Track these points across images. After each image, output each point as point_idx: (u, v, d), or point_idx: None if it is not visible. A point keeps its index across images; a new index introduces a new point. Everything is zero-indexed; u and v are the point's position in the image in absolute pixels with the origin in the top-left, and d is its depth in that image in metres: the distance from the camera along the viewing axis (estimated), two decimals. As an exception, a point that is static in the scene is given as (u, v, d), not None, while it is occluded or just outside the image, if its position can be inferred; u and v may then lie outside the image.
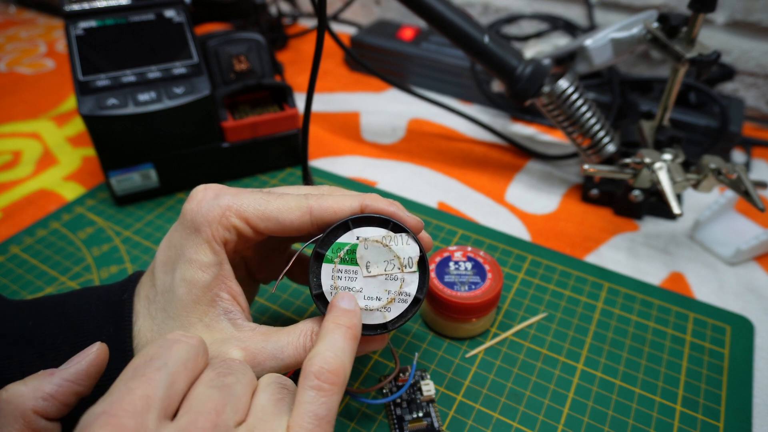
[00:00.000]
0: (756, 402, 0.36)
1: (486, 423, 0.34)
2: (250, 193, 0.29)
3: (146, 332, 0.28)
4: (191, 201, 0.28)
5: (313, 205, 0.28)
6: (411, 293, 0.27)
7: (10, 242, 0.47)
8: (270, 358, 0.27)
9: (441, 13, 0.46)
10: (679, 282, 0.45)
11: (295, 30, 0.86)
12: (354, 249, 0.27)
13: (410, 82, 0.72)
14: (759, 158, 0.59)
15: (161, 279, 0.29)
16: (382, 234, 0.27)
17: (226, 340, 0.27)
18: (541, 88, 0.48)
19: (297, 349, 0.27)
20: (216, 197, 0.28)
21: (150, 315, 0.28)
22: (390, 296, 0.27)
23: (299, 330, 0.28)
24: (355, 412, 0.34)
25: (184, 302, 0.27)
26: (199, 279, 0.27)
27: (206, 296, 0.28)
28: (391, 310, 0.27)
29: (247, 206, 0.28)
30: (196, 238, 0.28)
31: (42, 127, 0.63)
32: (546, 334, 0.40)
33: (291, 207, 0.28)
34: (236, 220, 0.28)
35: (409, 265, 0.27)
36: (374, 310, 0.27)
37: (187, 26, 0.49)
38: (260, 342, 0.27)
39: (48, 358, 0.27)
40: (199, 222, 0.27)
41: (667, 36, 0.45)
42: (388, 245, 0.27)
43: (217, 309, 0.28)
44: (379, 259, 0.27)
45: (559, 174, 0.57)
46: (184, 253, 0.28)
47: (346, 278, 0.27)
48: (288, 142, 0.54)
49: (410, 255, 0.27)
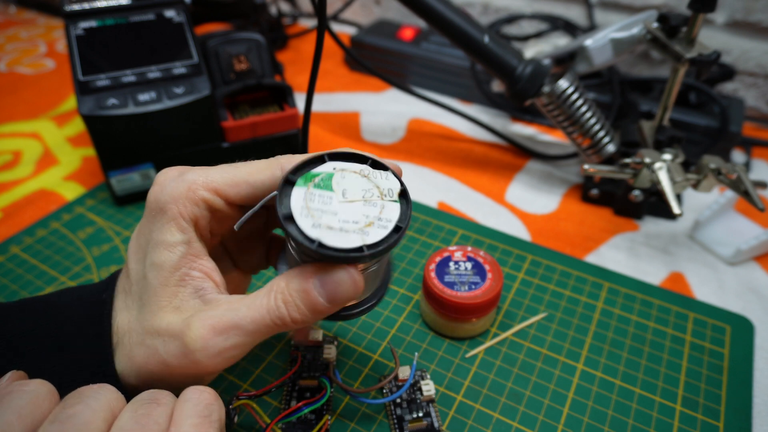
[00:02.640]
0: (756, 402, 0.36)
1: (486, 423, 0.34)
2: (218, 167, 0.28)
3: (123, 326, 0.27)
4: (155, 185, 0.27)
5: (283, 163, 0.27)
6: (392, 219, 0.24)
7: (10, 242, 0.47)
8: (229, 324, 0.24)
9: (441, 13, 0.46)
10: (679, 282, 0.45)
11: (295, 30, 0.86)
12: (330, 177, 0.25)
13: (410, 82, 0.72)
14: (759, 158, 0.59)
15: (134, 269, 0.28)
16: (360, 167, 0.26)
17: (191, 316, 0.25)
18: (541, 88, 0.48)
19: (259, 311, 0.25)
20: (180, 174, 0.27)
21: (126, 307, 0.28)
22: (369, 220, 0.24)
23: (264, 289, 0.25)
24: (355, 412, 0.34)
25: (153, 286, 0.26)
26: (166, 260, 0.26)
27: (174, 276, 0.26)
28: (369, 234, 0.24)
29: (215, 176, 0.27)
30: (161, 219, 0.26)
31: (42, 127, 0.63)
32: (546, 334, 0.40)
33: (261, 167, 0.27)
34: (204, 192, 0.26)
35: (390, 195, 0.25)
36: (350, 232, 0.24)
37: (187, 26, 0.49)
38: (222, 309, 0.25)
39: (30, 361, 0.27)
40: (164, 201, 0.26)
41: (667, 36, 0.45)
42: (367, 176, 0.25)
43: (187, 288, 0.26)
44: (356, 188, 0.25)
45: (559, 174, 0.57)
46: (151, 238, 0.27)
47: (320, 202, 0.24)
48: (288, 142, 0.54)
49: (390, 187, 0.25)
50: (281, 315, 0.24)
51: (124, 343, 0.27)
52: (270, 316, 0.24)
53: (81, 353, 0.27)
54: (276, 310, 0.24)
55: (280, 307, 0.25)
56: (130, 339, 0.27)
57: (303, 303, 0.25)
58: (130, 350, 0.27)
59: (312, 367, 0.35)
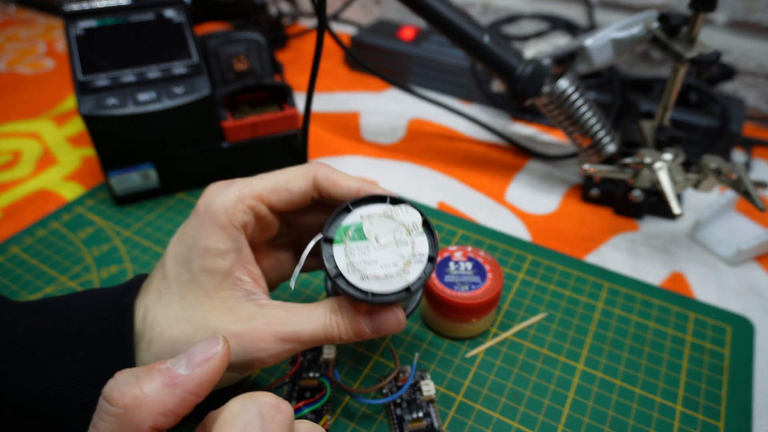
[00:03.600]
0: (756, 402, 0.36)
1: (486, 423, 0.34)
2: (258, 176, 0.30)
3: (162, 321, 0.28)
4: (205, 195, 0.29)
5: (317, 172, 0.29)
6: (424, 253, 0.28)
7: (10, 242, 0.47)
8: (292, 335, 0.27)
9: (441, 13, 0.46)
10: (680, 282, 0.45)
11: (295, 30, 0.86)
12: (360, 227, 0.28)
13: (410, 82, 0.72)
14: (759, 158, 0.59)
15: (173, 270, 0.29)
16: (383, 209, 0.29)
17: (252, 318, 0.28)
18: (541, 88, 0.48)
19: (316, 326, 0.28)
20: (228, 186, 0.29)
21: (163, 305, 0.29)
22: (406, 259, 0.28)
23: (321, 307, 0.28)
24: (355, 412, 0.34)
25: (205, 289, 0.28)
26: (219, 267, 0.28)
27: (227, 281, 0.28)
28: (410, 272, 0.28)
29: (258, 185, 0.29)
30: (212, 226, 0.28)
31: (42, 126, 0.63)
32: (546, 334, 0.40)
33: (298, 174, 0.30)
34: (251, 200, 0.29)
35: (415, 229, 0.28)
36: (394, 276, 0.27)
37: (187, 26, 0.49)
38: (283, 317, 0.28)
39: (49, 364, 0.27)
40: (215, 210, 0.28)
41: (668, 36, 0.45)
42: (391, 216, 0.29)
43: (239, 292, 0.28)
44: (385, 230, 0.28)
45: (559, 174, 0.57)
46: (198, 244, 0.28)
47: (359, 253, 0.28)
48: (288, 142, 0.54)
49: (413, 220, 0.29)
50: (332, 334, 0.28)
51: (162, 339, 0.28)
52: (324, 333, 0.28)
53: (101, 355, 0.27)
54: (330, 329, 0.28)
55: (333, 327, 0.28)
56: (170, 335, 0.28)
57: (352, 330, 0.28)
58: (171, 345, 0.28)
59: (312, 367, 0.35)
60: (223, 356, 0.23)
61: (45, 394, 0.26)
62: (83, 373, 0.27)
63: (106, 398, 0.21)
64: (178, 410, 0.22)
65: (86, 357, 0.27)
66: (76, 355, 0.27)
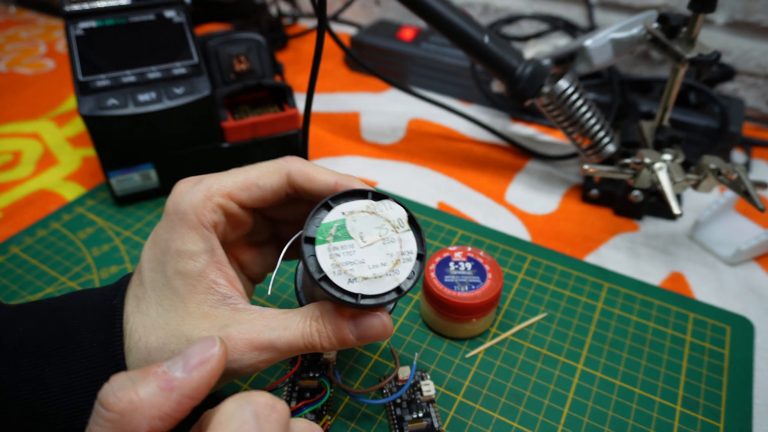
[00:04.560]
0: (756, 402, 0.36)
1: (486, 423, 0.34)
2: (228, 172, 0.29)
3: (139, 328, 0.27)
4: (173, 194, 0.28)
5: (290, 168, 0.28)
6: (413, 250, 0.27)
7: (10, 242, 0.47)
8: (267, 343, 0.26)
9: (441, 13, 0.46)
10: (679, 282, 0.45)
11: (295, 30, 0.86)
12: (343, 224, 0.26)
13: (410, 82, 0.72)
14: (759, 158, 0.59)
15: (149, 275, 0.28)
16: (365, 204, 0.27)
17: (226, 325, 0.26)
18: (541, 88, 0.48)
19: (294, 334, 0.26)
20: (196, 183, 0.28)
21: (140, 311, 0.28)
22: (394, 258, 0.26)
23: (301, 313, 0.27)
24: (355, 412, 0.34)
25: (181, 294, 0.27)
26: (192, 269, 0.27)
27: (201, 285, 0.27)
28: (399, 272, 0.26)
29: (227, 182, 0.28)
30: (182, 228, 0.27)
31: (42, 127, 0.63)
32: (546, 335, 0.40)
33: (269, 170, 0.28)
34: (220, 198, 0.28)
35: (401, 226, 0.27)
36: (384, 276, 0.26)
37: (187, 26, 0.49)
38: (258, 325, 0.26)
39: (44, 366, 0.27)
40: (183, 210, 0.27)
41: (667, 36, 0.45)
42: (375, 212, 0.27)
43: (214, 296, 0.27)
44: (370, 227, 0.27)
45: (559, 174, 0.57)
46: (170, 247, 0.27)
47: (345, 253, 0.26)
48: (288, 143, 0.54)
49: (399, 216, 0.27)
50: (313, 342, 0.26)
51: (139, 347, 0.27)
52: (303, 341, 0.26)
53: (94, 357, 0.27)
54: (309, 337, 0.26)
55: (314, 335, 0.26)
56: (146, 343, 0.27)
57: (335, 337, 0.27)
58: (147, 354, 0.27)
59: (312, 368, 0.35)
60: (220, 358, 0.23)
61: (43, 396, 0.26)
62: (79, 375, 0.27)
63: (101, 403, 0.21)
64: (174, 414, 0.21)
65: (81, 359, 0.27)
66: (71, 357, 0.27)
